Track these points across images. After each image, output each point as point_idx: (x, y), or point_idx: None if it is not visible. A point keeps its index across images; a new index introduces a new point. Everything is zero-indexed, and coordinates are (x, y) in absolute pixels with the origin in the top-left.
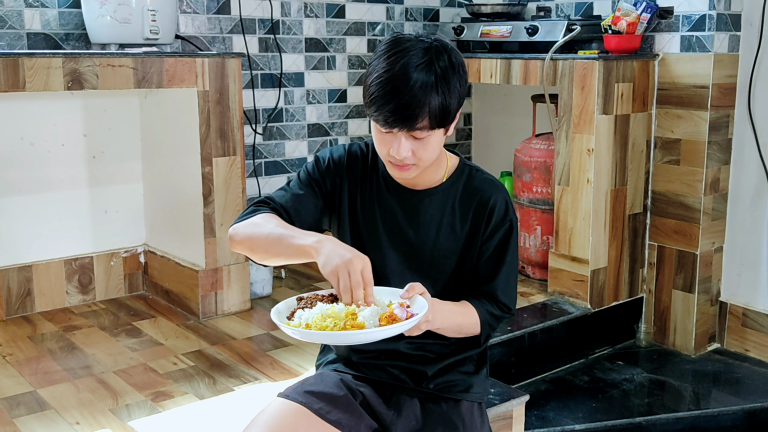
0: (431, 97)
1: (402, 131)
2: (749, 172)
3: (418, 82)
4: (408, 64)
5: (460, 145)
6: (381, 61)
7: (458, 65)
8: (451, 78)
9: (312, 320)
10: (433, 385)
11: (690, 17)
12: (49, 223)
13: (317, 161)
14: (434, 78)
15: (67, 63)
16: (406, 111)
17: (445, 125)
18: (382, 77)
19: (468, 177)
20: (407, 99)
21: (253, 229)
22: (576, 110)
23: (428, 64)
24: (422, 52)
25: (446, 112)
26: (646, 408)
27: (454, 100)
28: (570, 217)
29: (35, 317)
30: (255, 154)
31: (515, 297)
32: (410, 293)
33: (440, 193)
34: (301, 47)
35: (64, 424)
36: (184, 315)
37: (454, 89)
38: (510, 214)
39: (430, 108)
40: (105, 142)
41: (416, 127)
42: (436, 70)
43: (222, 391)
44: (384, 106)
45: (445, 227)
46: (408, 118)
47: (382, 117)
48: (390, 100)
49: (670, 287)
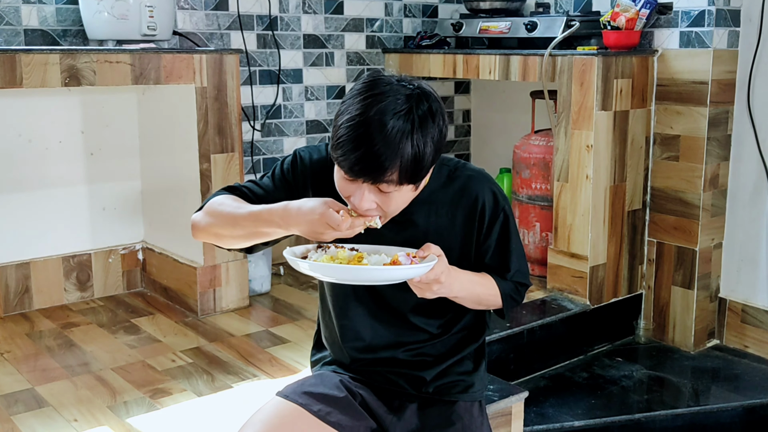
0: (405, 149)
1: (366, 183)
2: (749, 168)
3: (394, 129)
4: (385, 110)
5: (458, 142)
6: (355, 103)
7: (437, 113)
8: (427, 129)
9: (321, 260)
10: (432, 388)
11: (689, 13)
12: (47, 220)
13: (294, 161)
14: (410, 126)
15: (65, 59)
16: (375, 161)
17: (415, 182)
18: (354, 119)
19: (448, 178)
20: (378, 148)
21: (215, 209)
22: (575, 106)
23: (407, 112)
24: (403, 99)
25: (419, 167)
26: (645, 404)
27: (429, 158)
28: (569, 213)
29: (33, 314)
30: (253, 150)
31: (528, 271)
32: (426, 252)
33: (423, 202)
34: (300, 43)
35: (62, 421)
36: (183, 312)
37: (431, 141)
38: (500, 203)
39: (402, 161)
40: (103, 138)
41: (383, 180)
42: (413, 119)
43: (220, 388)
44: (351, 152)
45: (433, 235)
46: (376, 169)
47: (347, 164)
48: (359, 146)
49: (669, 283)
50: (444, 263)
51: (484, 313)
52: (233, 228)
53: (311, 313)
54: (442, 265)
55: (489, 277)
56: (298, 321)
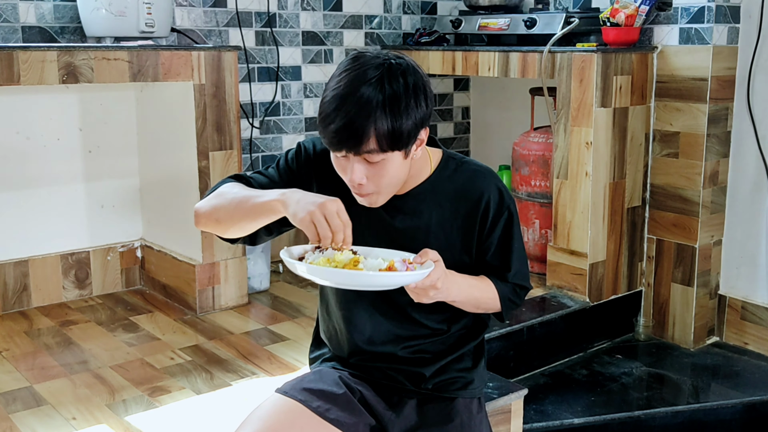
0: (377, 117)
1: (350, 154)
2: (748, 165)
3: (364, 97)
4: (358, 80)
5: (458, 138)
6: (334, 79)
7: (414, 85)
8: (402, 97)
9: (317, 262)
10: (432, 385)
11: (689, 9)
12: (45, 218)
13: (298, 152)
14: (382, 96)
15: (62, 56)
16: (350, 129)
17: (399, 148)
18: (331, 94)
19: (454, 171)
20: (351, 116)
21: (217, 198)
22: (574, 103)
23: (378, 80)
24: (374, 68)
25: (397, 134)
26: (645, 401)
27: (406, 122)
28: (568, 210)
29: (32, 312)
30: (252, 148)
31: (528, 274)
32: (423, 258)
33: (426, 192)
34: (298, 40)
35: (60, 419)
36: (181, 310)
37: (406, 110)
38: (506, 201)
39: (377, 129)
40: (101, 136)
41: (363, 149)
42: (385, 89)
43: (219, 386)
44: (329, 125)
45: (435, 228)
46: (352, 137)
47: (327, 138)
48: (335, 118)
49: (668, 281)
50: (441, 269)
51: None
52: (234, 209)
53: (310, 311)
54: (438, 271)
55: (488, 281)
56: (297, 318)
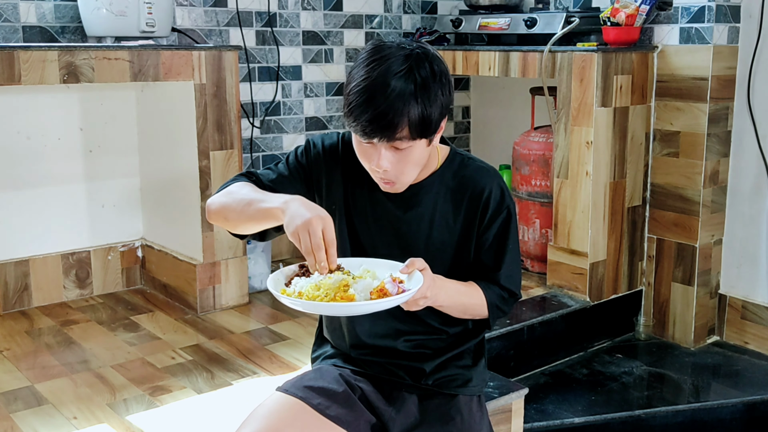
0: (410, 107)
1: (381, 142)
2: (749, 165)
3: (396, 89)
4: (387, 72)
5: (458, 138)
6: (360, 69)
7: (440, 73)
8: (431, 86)
9: (305, 289)
10: (432, 381)
11: (689, 9)
12: (45, 218)
13: (307, 148)
14: (413, 86)
15: (63, 56)
16: (384, 120)
17: (426, 136)
18: (360, 85)
19: (460, 166)
20: (385, 107)
21: (227, 197)
22: (575, 103)
23: (408, 71)
24: (402, 60)
25: (427, 122)
26: (646, 401)
27: (435, 110)
28: (569, 210)
29: (32, 312)
30: (252, 147)
31: (520, 281)
32: (409, 268)
33: (432, 185)
34: (299, 40)
35: (61, 419)
36: (182, 309)
37: (435, 98)
38: (506, 200)
39: (410, 118)
40: (102, 135)
41: (395, 137)
42: (416, 78)
43: (220, 386)
44: (361, 115)
45: (438, 220)
46: (386, 127)
47: (360, 127)
48: (367, 108)
49: (669, 280)
50: (428, 279)
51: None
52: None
53: None
54: (427, 281)
55: (476, 287)
56: (298, 318)
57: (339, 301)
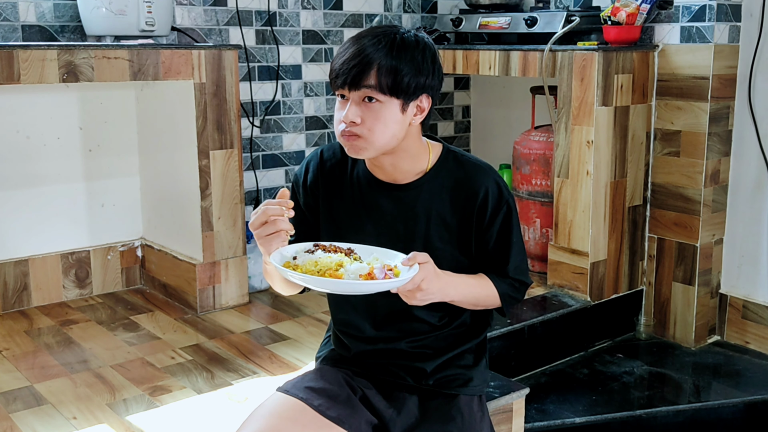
0: (381, 56)
1: (352, 92)
2: (749, 164)
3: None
4: (369, 33)
5: (458, 137)
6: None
7: (425, 46)
8: (410, 49)
9: (304, 263)
10: (433, 381)
11: (690, 8)
12: (45, 217)
13: (294, 182)
14: (390, 42)
15: (62, 55)
16: (354, 61)
17: (397, 95)
18: (343, 46)
19: (455, 165)
20: (356, 52)
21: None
22: (575, 102)
23: (390, 32)
24: (387, 28)
25: (398, 77)
26: (646, 401)
27: (408, 69)
28: (569, 209)
29: (32, 312)
30: (252, 147)
31: (528, 269)
32: (411, 261)
33: (426, 184)
34: (299, 39)
35: (61, 419)
36: (182, 309)
37: (411, 59)
38: (505, 195)
39: (379, 65)
40: (101, 135)
41: (363, 83)
42: (395, 39)
43: (220, 386)
44: (336, 62)
45: (435, 219)
46: (355, 67)
47: (334, 73)
48: (342, 56)
49: (670, 279)
50: (427, 271)
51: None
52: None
53: (311, 310)
54: (423, 273)
55: (486, 279)
56: (298, 318)
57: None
